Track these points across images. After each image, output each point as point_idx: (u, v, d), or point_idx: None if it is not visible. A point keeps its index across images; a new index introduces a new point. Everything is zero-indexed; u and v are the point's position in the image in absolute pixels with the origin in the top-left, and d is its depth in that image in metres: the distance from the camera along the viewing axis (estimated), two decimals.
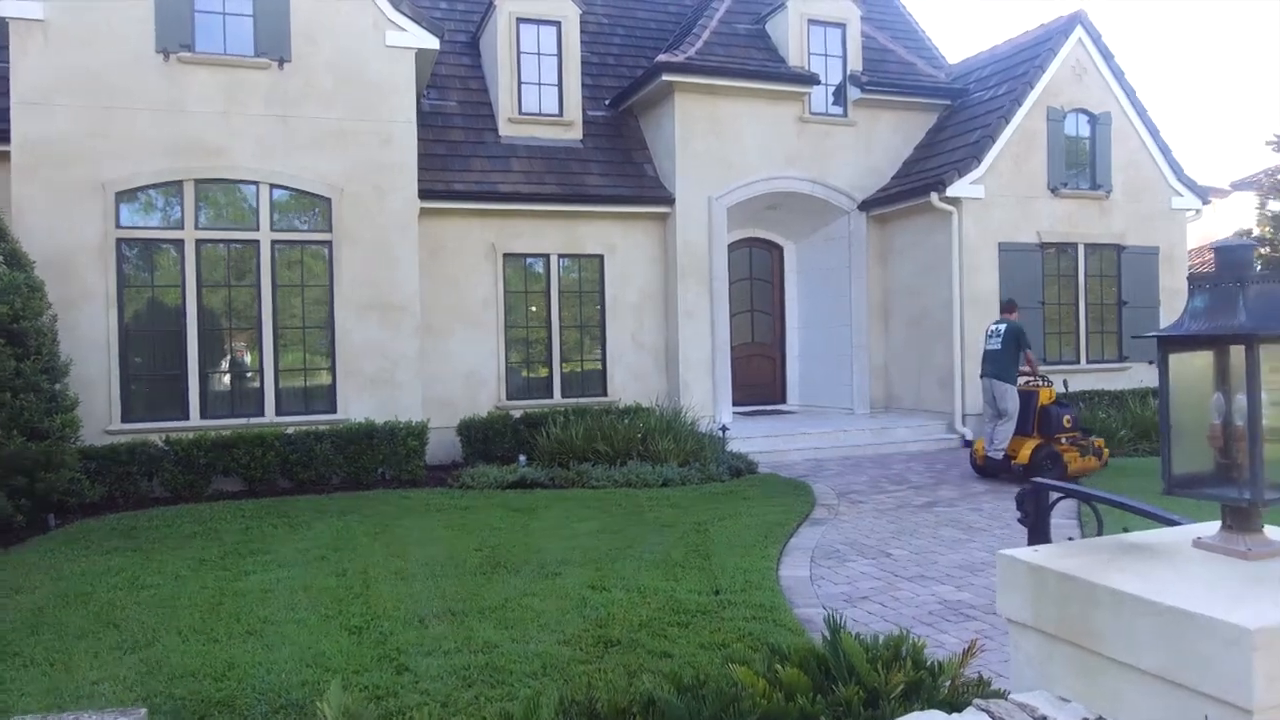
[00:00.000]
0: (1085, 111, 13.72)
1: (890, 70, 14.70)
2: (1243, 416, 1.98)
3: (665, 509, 8.25)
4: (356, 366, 10.62)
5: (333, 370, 10.62)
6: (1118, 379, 13.71)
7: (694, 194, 13.25)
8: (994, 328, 10.48)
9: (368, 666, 4.42)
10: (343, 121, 10.64)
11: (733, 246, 14.43)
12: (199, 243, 10.23)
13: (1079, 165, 13.77)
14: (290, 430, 9.86)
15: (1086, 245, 13.77)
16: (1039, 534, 3.17)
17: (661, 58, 13.13)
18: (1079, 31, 13.63)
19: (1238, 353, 1.99)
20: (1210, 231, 28.15)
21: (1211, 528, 2.28)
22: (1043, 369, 13.33)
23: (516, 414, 11.45)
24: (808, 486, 9.55)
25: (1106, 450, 10.13)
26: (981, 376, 10.56)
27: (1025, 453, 9.68)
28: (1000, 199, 13.14)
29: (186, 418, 10.05)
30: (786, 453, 11.81)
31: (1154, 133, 14.19)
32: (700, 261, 13.30)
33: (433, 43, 11.05)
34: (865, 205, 14.26)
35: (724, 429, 11.37)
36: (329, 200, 10.62)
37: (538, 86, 13.60)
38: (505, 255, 12.76)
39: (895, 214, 14.03)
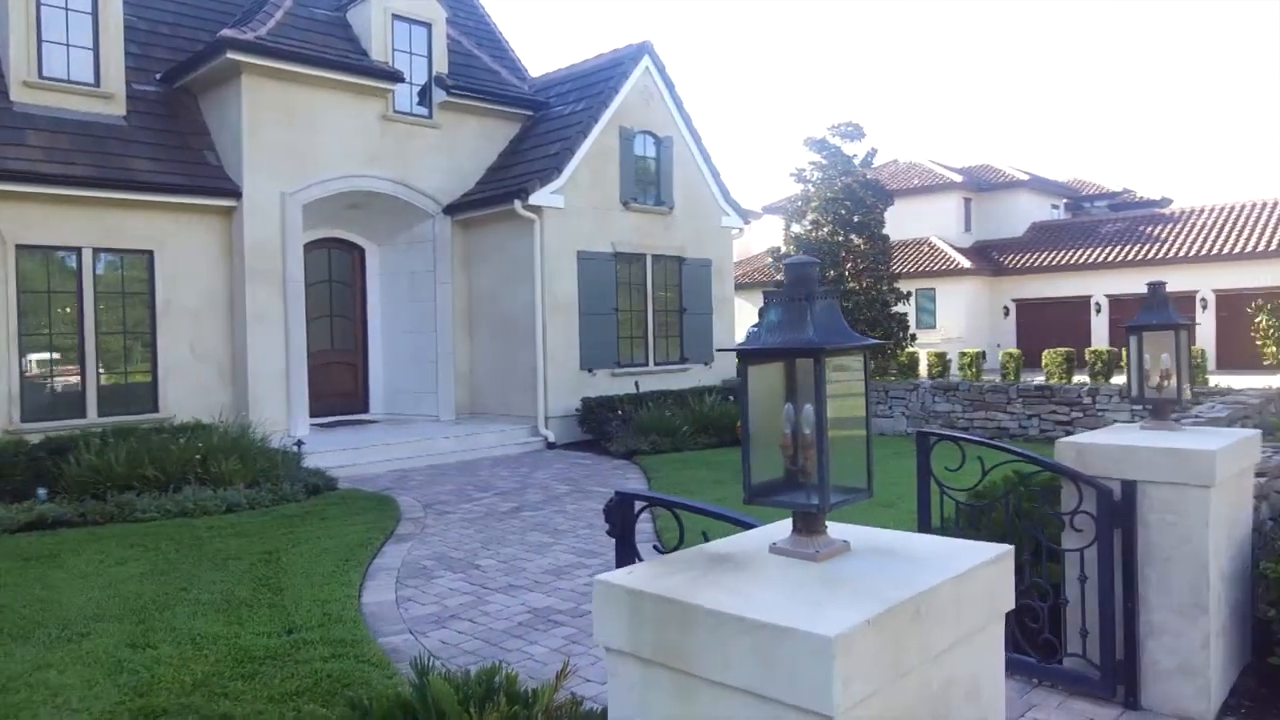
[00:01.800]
0: (652, 134, 14.93)
1: (476, 76, 14.74)
2: (810, 425, 2.07)
3: (230, 539, 7.31)
4: None
5: None
6: (680, 379, 15.09)
7: (264, 188, 12.09)
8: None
9: None
10: None
11: (310, 247, 13.43)
12: None
13: (647, 183, 14.95)
14: None
15: (653, 256, 14.98)
16: (626, 544, 3.15)
17: (226, 33, 11.79)
18: (647, 60, 14.81)
19: (806, 365, 2.07)
20: (747, 247, 32.50)
21: (784, 528, 2.38)
22: (618, 371, 14.28)
23: (36, 439, 9.48)
24: (392, 500, 9.11)
25: None
26: None
27: None
28: (579, 209, 13.78)
29: None
30: (370, 465, 11.21)
31: (707, 158, 15.89)
32: (272, 262, 12.16)
33: None
34: (451, 209, 14.12)
35: (299, 444, 10.47)
36: None
37: (65, 48, 11.49)
38: (19, 247, 10.57)
39: (480, 219, 14.08)
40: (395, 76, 13.24)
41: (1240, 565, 4.19)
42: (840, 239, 17.82)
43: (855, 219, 17.75)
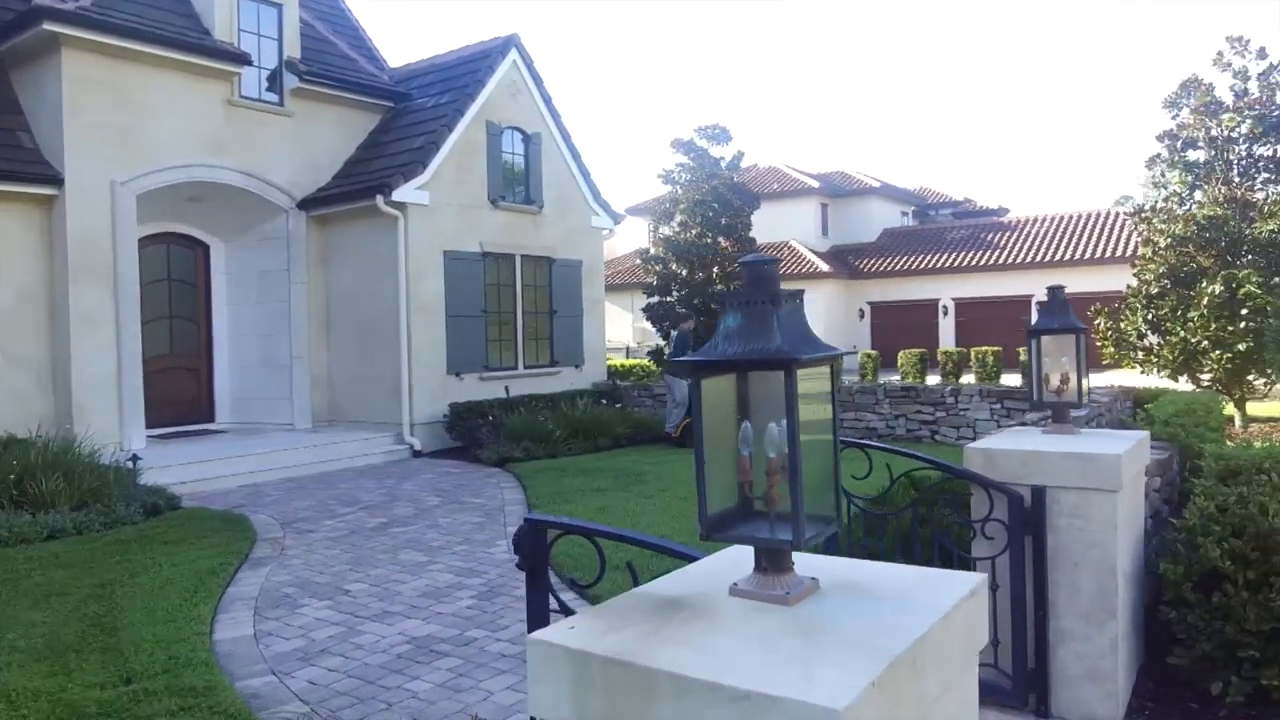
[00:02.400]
0: (520, 130, 14.47)
1: (332, 63, 13.88)
2: (778, 447, 1.79)
3: (53, 571, 6.43)
4: None
5: None
6: (550, 383, 14.68)
7: (91, 176, 10.92)
8: (673, 334, 14.02)
9: None
10: None
11: (146, 242, 12.27)
12: None
13: (516, 181, 14.47)
14: None
15: (523, 256, 14.51)
16: (539, 579, 2.80)
17: (42, 1, 10.56)
18: (514, 54, 14.35)
19: (774, 377, 1.78)
20: (612, 248, 32.32)
21: (731, 561, 2.09)
22: (487, 375, 13.77)
23: None
24: (245, 519, 8.32)
25: None
26: (663, 374, 14.03)
27: (682, 427, 12.32)
28: (445, 207, 13.17)
29: None
30: (218, 480, 10.28)
31: (576, 156, 15.55)
32: (101, 258, 11.01)
33: None
34: (305, 204, 13.23)
35: (135, 458, 9.48)
36: None
37: None
38: None
39: (338, 215, 13.25)
40: (241, 58, 12.26)
41: (1137, 566, 4.22)
42: (709, 241, 17.86)
43: (723, 221, 17.84)
